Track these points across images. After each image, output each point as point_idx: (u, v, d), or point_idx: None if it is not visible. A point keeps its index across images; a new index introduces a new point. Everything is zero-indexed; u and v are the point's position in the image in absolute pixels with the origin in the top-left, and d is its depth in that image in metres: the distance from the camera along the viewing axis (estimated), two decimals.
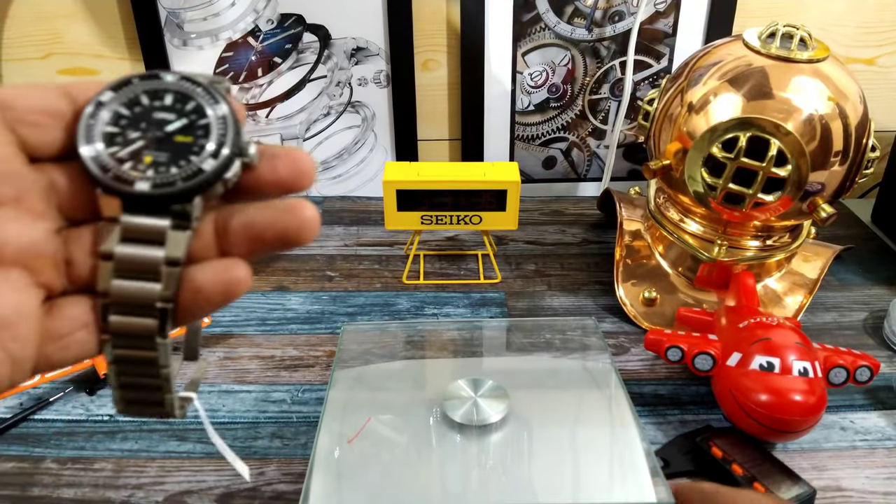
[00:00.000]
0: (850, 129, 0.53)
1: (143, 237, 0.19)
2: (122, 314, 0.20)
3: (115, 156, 0.19)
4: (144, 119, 0.20)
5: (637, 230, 0.67)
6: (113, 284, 0.19)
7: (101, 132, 0.19)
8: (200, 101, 0.20)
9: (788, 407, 0.45)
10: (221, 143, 0.19)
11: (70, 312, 0.20)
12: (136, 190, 0.19)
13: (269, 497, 0.45)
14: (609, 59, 0.80)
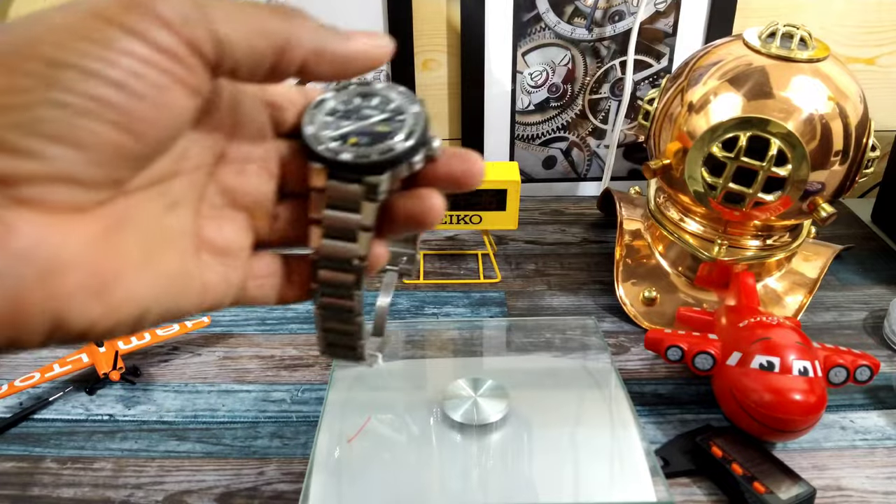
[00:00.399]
0: (850, 128, 0.53)
1: (343, 203, 0.23)
2: (328, 269, 0.24)
3: (328, 136, 0.24)
4: (355, 113, 0.25)
5: (637, 230, 0.67)
6: (323, 243, 0.24)
7: (320, 119, 0.24)
8: (400, 102, 0.25)
9: (788, 406, 0.45)
10: (412, 133, 0.24)
11: (266, 260, 0.25)
12: (341, 158, 0.23)
13: (268, 497, 0.45)
14: (609, 58, 0.79)
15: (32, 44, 0.17)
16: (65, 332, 0.18)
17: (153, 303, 0.21)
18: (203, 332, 0.60)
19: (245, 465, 0.47)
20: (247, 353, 0.58)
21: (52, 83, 0.17)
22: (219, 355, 0.57)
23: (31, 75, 0.17)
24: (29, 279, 0.17)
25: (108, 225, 0.19)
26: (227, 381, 0.55)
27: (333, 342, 0.27)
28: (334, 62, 0.22)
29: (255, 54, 0.20)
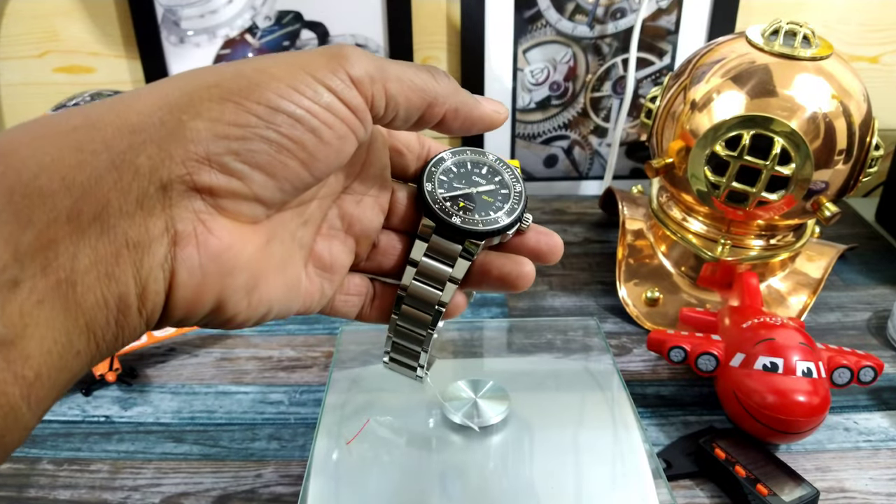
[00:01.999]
0: (853, 127, 0.52)
1: (440, 256, 0.28)
2: (411, 306, 0.29)
3: (442, 196, 0.28)
4: (466, 178, 0.29)
5: (639, 229, 0.67)
6: (412, 283, 0.28)
7: (437, 178, 0.29)
8: (506, 177, 0.30)
9: (792, 408, 0.44)
10: (513, 210, 0.29)
11: (356, 281, 0.29)
12: (451, 221, 0.28)
13: (266, 499, 0.44)
14: (611, 56, 0.79)
15: (259, 90, 0.21)
16: (216, 320, 0.23)
17: (276, 303, 0.25)
18: (200, 333, 0.59)
19: (243, 467, 0.47)
20: (244, 354, 0.57)
21: (269, 124, 0.21)
22: (216, 356, 0.57)
23: (255, 115, 0.21)
24: (214, 275, 0.21)
25: (268, 237, 0.24)
26: (225, 382, 0.54)
27: (396, 359, 0.31)
28: (466, 121, 0.27)
29: (410, 109, 0.25)
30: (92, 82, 0.80)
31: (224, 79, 0.22)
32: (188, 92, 0.21)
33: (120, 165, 0.20)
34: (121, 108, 0.20)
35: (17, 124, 0.21)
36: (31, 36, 0.78)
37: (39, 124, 0.20)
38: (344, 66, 0.23)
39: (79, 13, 0.77)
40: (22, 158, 0.19)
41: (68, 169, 0.19)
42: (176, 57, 0.77)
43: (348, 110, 0.23)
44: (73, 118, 0.20)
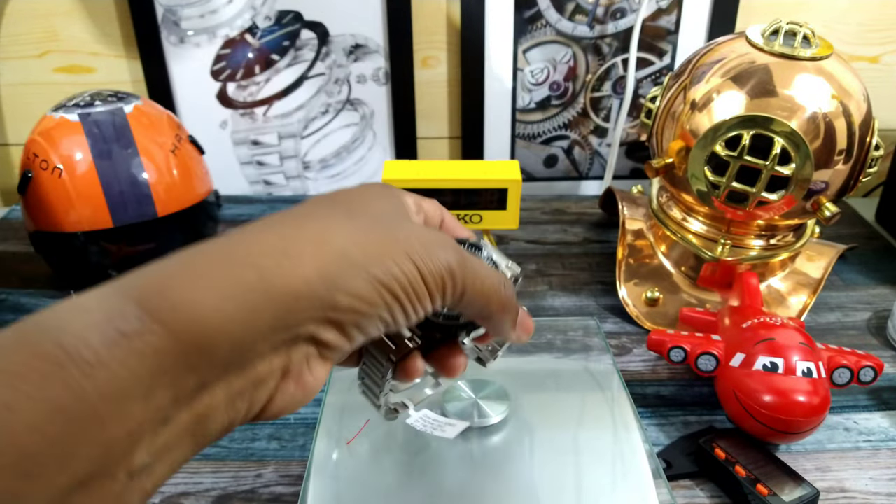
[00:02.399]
0: (853, 127, 0.52)
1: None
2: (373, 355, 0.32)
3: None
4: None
5: (639, 229, 0.67)
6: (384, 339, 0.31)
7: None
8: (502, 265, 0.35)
9: (792, 408, 0.44)
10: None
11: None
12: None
13: (266, 499, 0.44)
14: (611, 56, 0.79)
15: (385, 267, 0.26)
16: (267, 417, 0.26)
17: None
18: None
19: (243, 467, 0.47)
20: None
21: (387, 307, 0.26)
22: None
23: (380, 296, 0.25)
24: (297, 403, 0.26)
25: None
26: None
27: (364, 390, 0.35)
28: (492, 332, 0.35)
29: (471, 309, 0.30)
30: (92, 82, 0.80)
31: (365, 249, 0.25)
32: (339, 258, 0.25)
33: (277, 327, 0.23)
34: (287, 269, 0.24)
35: (193, 252, 0.24)
36: (31, 36, 0.78)
37: (219, 268, 0.23)
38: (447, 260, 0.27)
39: (79, 13, 0.77)
40: (203, 313, 0.22)
41: (237, 327, 0.23)
42: (176, 57, 0.77)
43: (438, 297, 0.27)
44: (246, 273, 0.23)
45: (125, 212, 0.59)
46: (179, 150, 0.62)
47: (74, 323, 0.21)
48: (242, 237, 0.25)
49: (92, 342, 0.20)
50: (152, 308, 0.21)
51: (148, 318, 0.21)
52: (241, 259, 0.24)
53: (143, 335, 0.21)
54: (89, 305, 0.22)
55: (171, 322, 0.21)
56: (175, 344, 0.21)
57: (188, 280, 0.23)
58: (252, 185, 0.84)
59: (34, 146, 0.59)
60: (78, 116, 0.59)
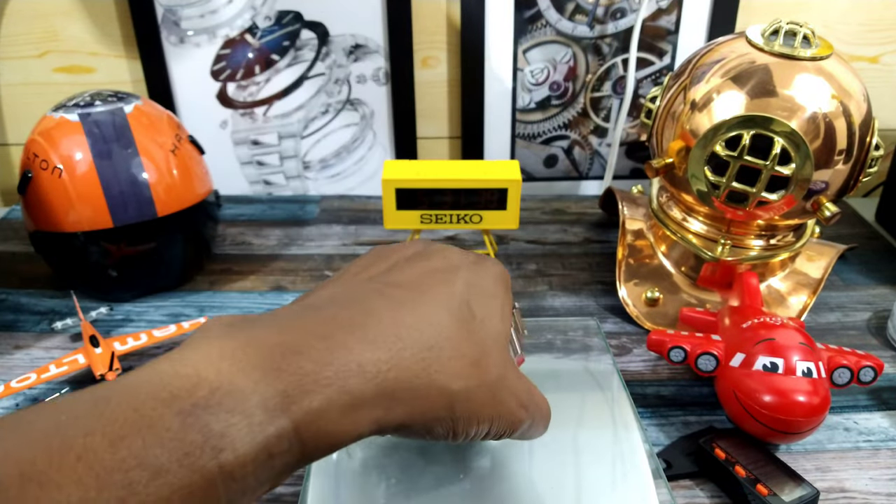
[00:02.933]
0: (853, 127, 0.52)
1: None
2: None
3: None
4: None
5: (639, 229, 0.67)
6: None
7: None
8: None
9: (792, 408, 0.44)
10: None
11: None
12: None
13: (266, 499, 0.44)
14: (611, 56, 0.79)
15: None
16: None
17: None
18: None
19: None
20: None
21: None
22: None
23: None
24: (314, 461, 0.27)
25: None
26: None
27: None
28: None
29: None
30: (92, 82, 0.80)
31: (475, 400, 0.29)
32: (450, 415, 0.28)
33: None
34: (409, 408, 0.26)
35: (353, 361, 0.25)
36: (30, 36, 0.78)
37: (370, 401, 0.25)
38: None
39: (79, 13, 0.77)
40: (339, 439, 0.25)
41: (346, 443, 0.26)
42: (176, 57, 0.77)
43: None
44: (382, 406, 0.26)
45: (125, 212, 0.59)
46: (179, 151, 0.62)
47: (238, 439, 0.22)
48: (399, 359, 0.26)
49: (246, 463, 0.22)
50: (304, 433, 0.23)
51: (297, 441, 0.23)
52: (388, 389, 0.25)
53: (286, 455, 0.23)
54: (253, 412, 0.22)
55: (311, 447, 0.24)
56: (300, 459, 0.24)
57: (342, 409, 0.24)
58: (252, 185, 0.84)
59: (34, 146, 0.59)
60: (78, 116, 0.59)
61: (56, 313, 0.62)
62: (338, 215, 0.79)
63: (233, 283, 0.67)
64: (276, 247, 0.73)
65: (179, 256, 0.64)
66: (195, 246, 0.66)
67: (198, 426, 0.21)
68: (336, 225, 0.77)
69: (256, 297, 0.65)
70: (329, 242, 0.74)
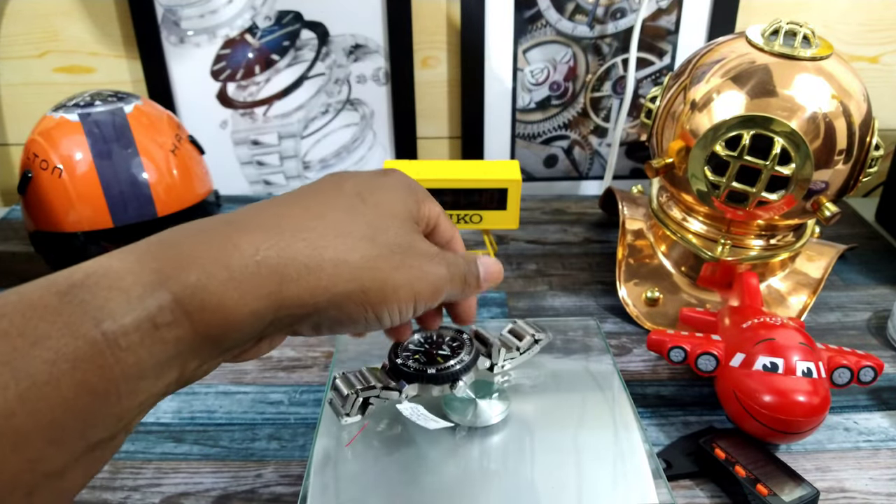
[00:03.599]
0: (853, 127, 0.52)
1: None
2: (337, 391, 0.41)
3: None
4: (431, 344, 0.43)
5: (639, 229, 0.67)
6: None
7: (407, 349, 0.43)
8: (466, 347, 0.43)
9: (792, 408, 0.44)
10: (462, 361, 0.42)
11: None
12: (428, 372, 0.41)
13: (266, 499, 0.44)
14: (611, 56, 0.79)
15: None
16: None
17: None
18: None
19: (243, 467, 0.47)
20: None
21: (369, 324, 0.31)
22: None
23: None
24: (253, 358, 0.30)
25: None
26: (225, 382, 0.54)
27: (332, 406, 0.41)
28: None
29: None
30: (92, 82, 0.80)
31: (374, 281, 0.29)
32: (349, 282, 0.28)
33: (276, 325, 0.27)
34: (304, 282, 0.27)
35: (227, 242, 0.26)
36: (31, 36, 0.78)
37: (250, 272, 0.26)
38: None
39: (79, 13, 0.77)
40: (226, 314, 0.25)
41: (247, 326, 0.26)
42: (176, 57, 0.77)
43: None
44: (272, 280, 0.26)
45: (125, 212, 0.59)
46: (179, 150, 0.62)
47: (117, 310, 0.23)
48: (276, 235, 0.27)
49: (129, 331, 0.23)
50: (186, 303, 0.24)
51: (180, 313, 0.24)
52: (272, 263, 0.26)
53: (172, 328, 0.24)
54: (130, 288, 0.24)
55: (198, 320, 0.24)
56: (196, 336, 0.24)
57: (223, 280, 0.25)
58: (252, 185, 0.84)
59: (34, 146, 0.59)
60: (78, 116, 0.59)
61: None
62: None
63: None
64: None
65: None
66: None
67: (76, 301, 0.23)
68: None
69: None
70: None
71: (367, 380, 0.41)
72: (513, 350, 0.45)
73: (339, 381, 0.41)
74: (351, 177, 0.32)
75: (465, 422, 0.42)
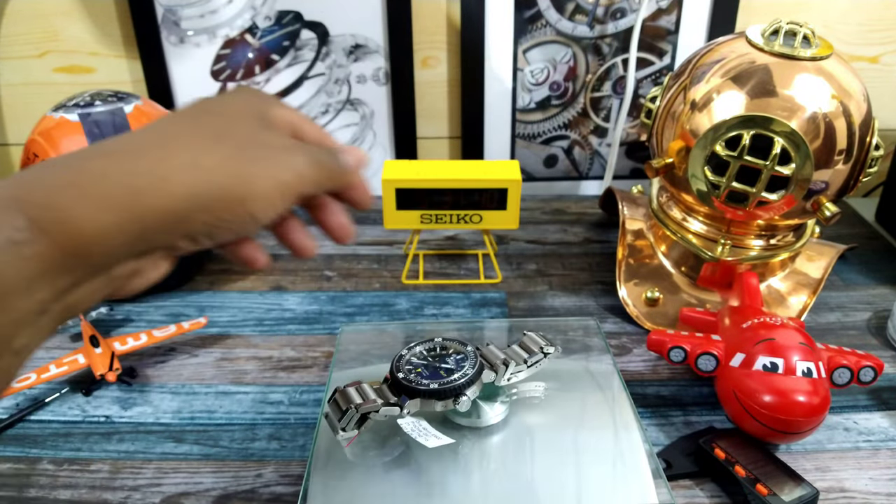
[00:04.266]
0: (853, 127, 0.52)
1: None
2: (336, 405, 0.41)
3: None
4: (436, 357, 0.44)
5: (639, 229, 0.67)
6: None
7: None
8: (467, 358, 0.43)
9: (792, 408, 0.44)
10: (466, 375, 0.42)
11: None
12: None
13: (266, 499, 0.44)
14: (611, 56, 0.79)
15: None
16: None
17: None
18: (200, 333, 0.59)
19: (243, 467, 0.47)
20: (244, 354, 0.57)
21: (242, 223, 0.30)
22: (216, 356, 0.57)
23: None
24: (142, 289, 0.30)
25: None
26: (225, 382, 0.54)
27: (327, 421, 0.41)
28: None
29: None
30: (92, 82, 0.80)
31: (228, 177, 0.29)
32: (205, 183, 0.28)
33: (142, 238, 0.27)
34: (160, 190, 0.27)
35: (78, 163, 0.27)
36: (31, 36, 0.78)
37: (101, 185, 0.26)
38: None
39: (79, 13, 0.77)
40: (83, 226, 0.25)
41: (110, 239, 0.26)
42: (176, 57, 0.77)
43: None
44: (125, 192, 0.26)
45: None
46: None
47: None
48: (124, 156, 0.27)
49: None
50: (40, 220, 0.25)
51: (36, 230, 0.24)
52: (121, 178, 0.26)
53: (31, 244, 0.24)
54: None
55: (56, 233, 0.25)
56: (56, 251, 0.25)
57: (73, 196, 0.25)
58: None
59: (34, 146, 0.59)
60: (78, 116, 0.59)
61: None
62: None
63: (233, 283, 0.67)
64: (275, 247, 0.73)
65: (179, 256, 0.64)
66: None
67: None
68: None
69: (256, 297, 0.65)
70: (329, 242, 0.74)
71: (366, 395, 0.40)
72: (520, 364, 0.44)
73: (338, 397, 0.40)
74: (195, 101, 0.33)
75: (466, 422, 0.42)
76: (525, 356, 0.44)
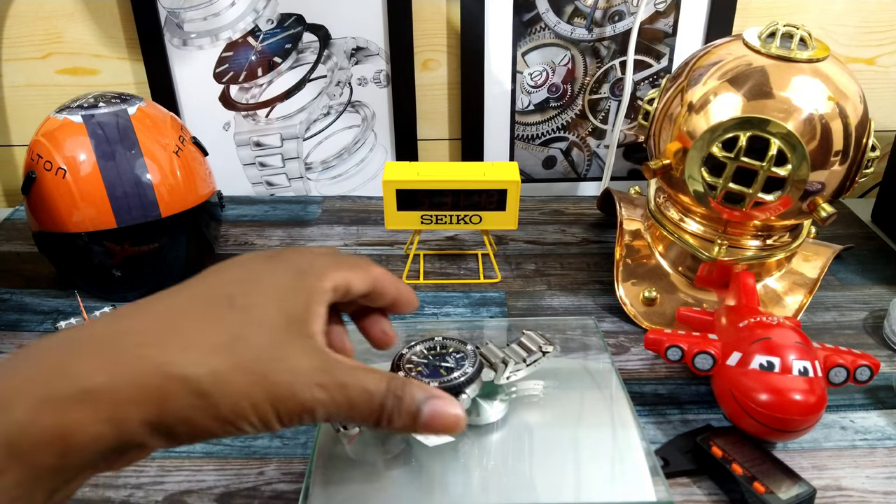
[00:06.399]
0: (850, 128, 0.53)
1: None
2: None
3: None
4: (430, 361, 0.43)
5: (637, 230, 0.67)
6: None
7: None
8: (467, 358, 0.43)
9: (788, 406, 0.45)
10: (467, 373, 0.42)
11: None
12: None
13: (268, 496, 0.45)
14: (609, 58, 0.79)
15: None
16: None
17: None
18: None
19: (245, 465, 0.47)
20: None
21: (228, 433, 0.28)
22: None
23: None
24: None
25: None
26: None
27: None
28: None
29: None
30: (95, 84, 0.81)
31: (225, 393, 0.26)
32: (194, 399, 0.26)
33: (117, 451, 0.26)
34: (159, 398, 0.25)
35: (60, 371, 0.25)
36: (34, 38, 0.78)
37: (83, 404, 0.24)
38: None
39: (82, 15, 0.77)
40: (63, 450, 0.24)
41: (86, 462, 0.25)
42: (179, 59, 0.78)
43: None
44: (100, 410, 0.24)
45: (129, 213, 0.59)
46: (183, 152, 0.63)
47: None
48: (112, 358, 0.25)
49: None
50: (15, 447, 0.23)
51: (11, 459, 0.23)
52: (102, 391, 0.25)
53: (6, 473, 0.23)
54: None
55: (30, 458, 0.23)
56: (30, 473, 0.24)
57: (51, 415, 0.24)
58: (255, 186, 0.85)
59: (38, 147, 0.60)
60: (81, 118, 0.59)
61: (60, 313, 0.62)
62: (339, 216, 0.80)
63: None
64: (278, 247, 0.73)
65: (183, 257, 0.65)
66: (198, 246, 0.67)
67: None
68: (338, 225, 0.78)
69: None
70: (331, 243, 0.74)
71: None
72: (520, 363, 0.44)
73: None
74: (230, 269, 0.30)
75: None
76: (524, 355, 0.44)
